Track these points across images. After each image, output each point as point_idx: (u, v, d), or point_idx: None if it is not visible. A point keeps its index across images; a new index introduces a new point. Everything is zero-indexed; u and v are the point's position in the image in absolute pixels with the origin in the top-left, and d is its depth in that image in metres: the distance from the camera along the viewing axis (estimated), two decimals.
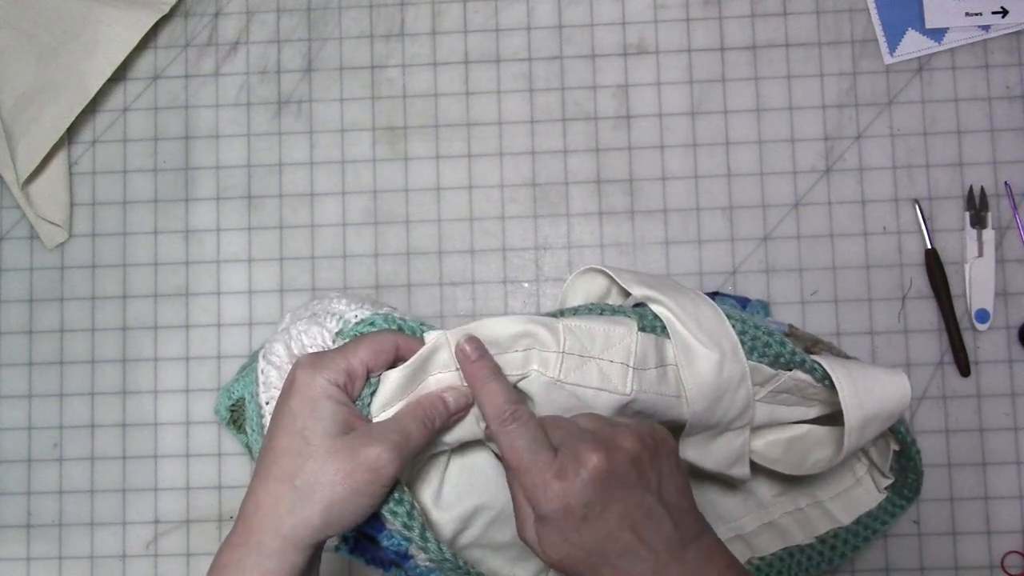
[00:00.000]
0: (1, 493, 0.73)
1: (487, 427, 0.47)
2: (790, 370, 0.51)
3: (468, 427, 0.49)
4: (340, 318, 0.52)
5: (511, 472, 0.46)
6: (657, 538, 0.44)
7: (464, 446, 0.52)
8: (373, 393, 0.47)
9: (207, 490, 0.71)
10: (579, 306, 0.52)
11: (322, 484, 0.43)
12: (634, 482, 0.45)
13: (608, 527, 0.44)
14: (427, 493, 0.52)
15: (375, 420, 0.47)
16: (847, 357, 0.60)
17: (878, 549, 0.68)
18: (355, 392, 0.46)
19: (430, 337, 0.48)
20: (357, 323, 0.51)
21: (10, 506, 0.72)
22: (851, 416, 0.49)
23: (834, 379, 0.50)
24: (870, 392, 0.50)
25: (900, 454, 0.56)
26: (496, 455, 0.53)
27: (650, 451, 0.46)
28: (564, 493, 0.44)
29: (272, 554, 0.43)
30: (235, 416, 0.62)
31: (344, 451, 0.44)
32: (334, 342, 0.51)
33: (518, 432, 0.45)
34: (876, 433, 0.52)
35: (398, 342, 0.47)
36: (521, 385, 0.48)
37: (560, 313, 0.50)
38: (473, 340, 0.47)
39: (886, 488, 0.59)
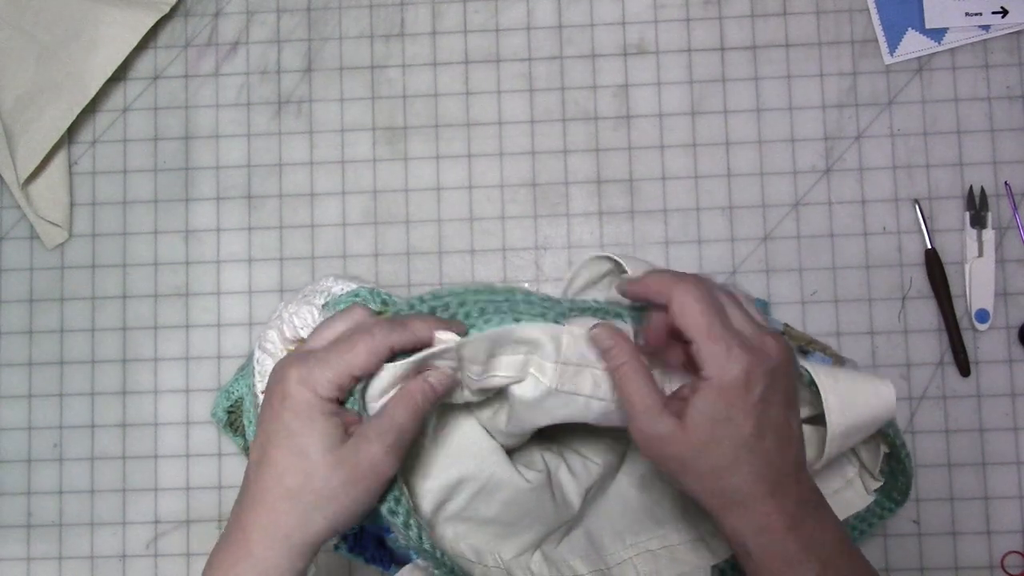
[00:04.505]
0: (1, 493, 0.73)
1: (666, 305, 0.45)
2: None
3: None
4: (327, 293, 0.52)
5: (690, 333, 0.44)
6: (788, 452, 0.44)
7: (449, 416, 0.52)
8: (364, 387, 0.47)
9: (207, 490, 0.71)
10: (587, 302, 0.51)
11: (328, 499, 0.44)
12: (786, 389, 0.45)
13: (765, 425, 0.43)
14: (410, 461, 0.52)
15: (369, 406, 0.47)
16: (841, 358, 0.60)
17: (878, 549, 0.68)
18: (346, 392, 0.46)
19: (443, 337, 0.47)
20: (342, 295, 0.51)
21: (10, 506, 0.72)
22: (834, 424, 0.49)
23: (819, 387, 0.50)
24: (855, 401, 0.50)
25: (890, 457, 0.56)
26: (485, 428, 0.53)
27: (793, 378, 0.46)
28: (750, 362, 0.43)
29: (279, 567, 0.44)
30: (232, 419, 0.62)
31: (346, 463, 0.44)
32: (320, 313, 0.51)
33: (702, 293, 0.44)
34: (858, 441, 0.52)
35: (392, 343, 0.46)
36: (515, 388, 0.48)
37: (569, 310, 0.50)
38: (625, 282, 0.48)
39: (875, 490, 0.59)
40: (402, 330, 0.46)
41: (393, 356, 0.46)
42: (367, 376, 0.46)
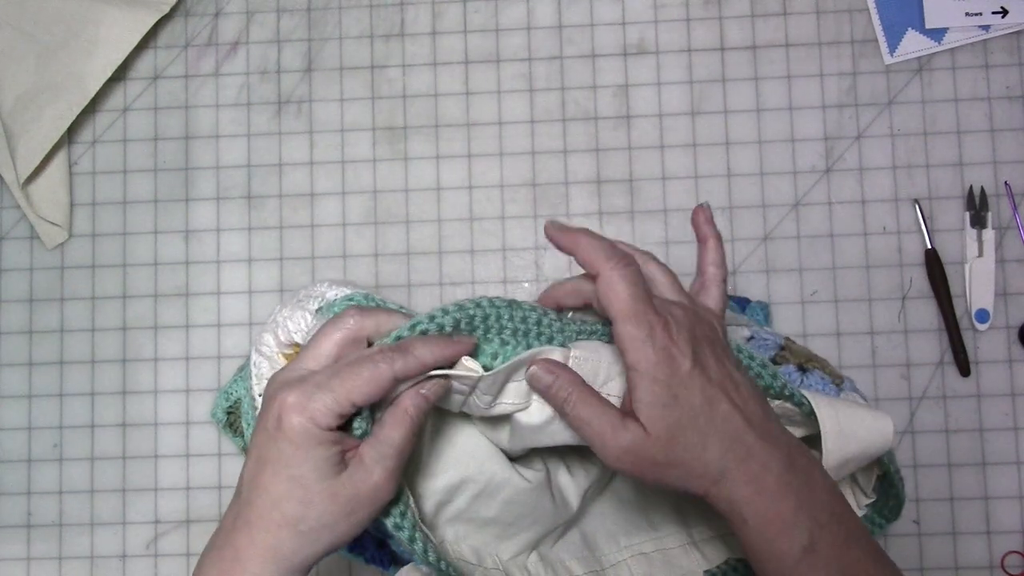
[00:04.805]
0: (1, 493, 0.73)
1: (597, 279, 0.44)
2: (777, 400, 0.51)
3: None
4: (321, 299, 0.52)
5: (611, 314, 0.43)
6: (752, 407, 0.44)
7: (449, 418, 0.52)
8: (372, 412, 0.46)
9: (207, 490, 0.71)
10: (595, 325, 0.50)
11: (328, 526, 0.43)
12: (712, 344, 0.45)
13: (710, 388, 0.43)
14: (410, 463, 0.51)
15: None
16: (840, 376, 0.60)
17: None
18: (345, 420, 0.45)
19: (470, 365, 0.46)
20: (336, 300, 0.50)
21: (10, 506, 0.72)
22: (830, 457, 0.50)
23: (819, 419, 0.50)
24: (853, 435, 0.50)
25: (883, 479, 0.56)
26: (486, 435, 0.53)
27: (717, 330, 0.46)
28: (666, 335, 0.42)
29: None
30: (232, 419, 0.62)
31: (345, 493, 0.43)
32: (314, 318, 0.51)
33: (632, 277, 0.43)
34: (851, 471, 0.52)
35: (396, 372, 0.44)
36: (519, 415, 0.48)
37: (577, 333, 0.49)
38: (553, 224, 0.47)
39: (866, 505, 0.59)
40: (406, 358, 0.44)
41: (396, 383, 0.45)
42: (367, 405, 0.45)
